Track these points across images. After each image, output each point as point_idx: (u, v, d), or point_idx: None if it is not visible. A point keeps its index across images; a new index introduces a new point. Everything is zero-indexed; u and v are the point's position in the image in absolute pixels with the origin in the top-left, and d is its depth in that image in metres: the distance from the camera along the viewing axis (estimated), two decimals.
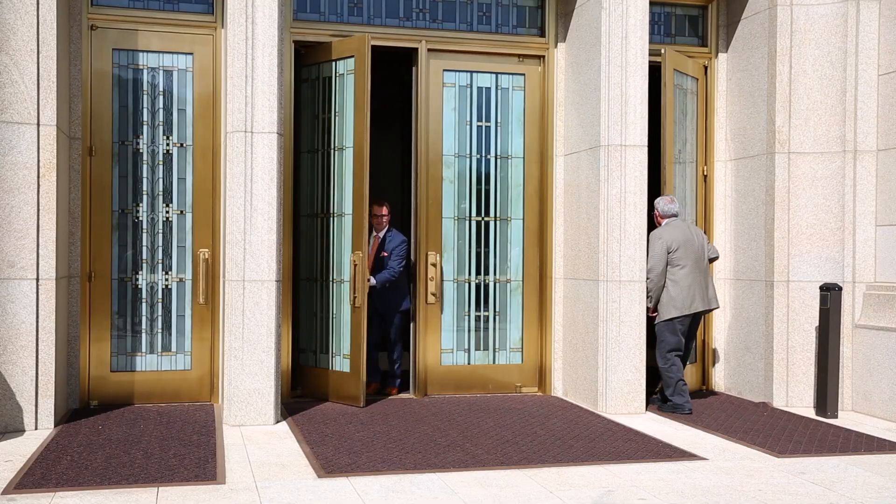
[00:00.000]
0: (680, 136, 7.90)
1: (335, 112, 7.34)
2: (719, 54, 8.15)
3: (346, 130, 7.26)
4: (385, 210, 7.79)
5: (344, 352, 7.27)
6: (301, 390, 7.53)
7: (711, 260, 7.39)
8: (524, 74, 7.90)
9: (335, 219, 7.35)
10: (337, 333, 7.37)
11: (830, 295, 7.06)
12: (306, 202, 7.56)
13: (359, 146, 7.10)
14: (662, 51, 7.55)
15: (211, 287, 7.17)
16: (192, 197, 7.22)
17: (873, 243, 7.37)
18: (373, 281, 7.48)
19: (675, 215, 7.31)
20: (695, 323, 7.31)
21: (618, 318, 7.02)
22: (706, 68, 8.18)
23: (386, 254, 7.62)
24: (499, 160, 7.91)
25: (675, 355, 7.16)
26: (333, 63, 7.32)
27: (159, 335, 7.22)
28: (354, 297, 7.07)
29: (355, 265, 7.03)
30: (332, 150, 7.36)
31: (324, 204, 7.44)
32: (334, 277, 7.39)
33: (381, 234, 7.73)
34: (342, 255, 7.32)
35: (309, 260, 7.58)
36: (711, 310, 7.33)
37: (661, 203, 7.34)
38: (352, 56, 7.16)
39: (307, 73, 7.51)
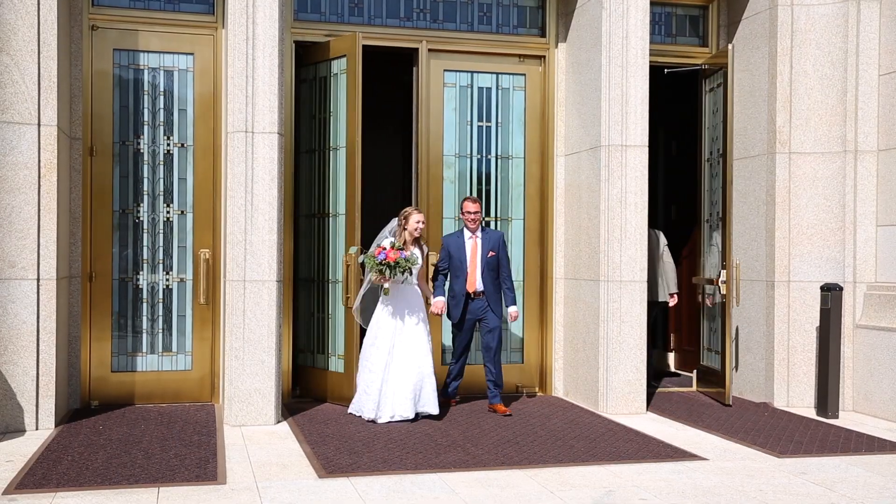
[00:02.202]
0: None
1: (330, 112, 7.35)
2: None
3: (340, 130, 7.28)
4: (479, 207, 7.00)
5: (338, 352, 7.29)
6: (300, 390, 7.53)
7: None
8: (525, 74, 7.90)
9: (331, 219, 7.36)
10: (333, 333, 7.39)
11: (831, 295, 7.06)
12: (305, 202, 7.56)
13: (351, 146, 7.11)
14: (730, 46, 7.50)
15: (212, 287, 7.17)
16: (192, 197, 7.22)
17: (874, 243, 7.37)
18: (514, 310, 7.03)
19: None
20: (657, 311, 8.36)
21: (619, 318, 7.02)
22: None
23: (493, 252, 6.92)
24: (499, 160, 7.91)
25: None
26: (328, 63, 7.33)
27: (160, 335, 7.22)
28: (347, 297, 7.05)
29: (348, 265, 7.01)
30: (328, 150, 7.37)
31: (321, 204, 7.44)
32: (330, 278, 7.40)
33: (478, 234, 6.98)
34: (337, 255, 7.33)
35: (308, 260, 7.58)
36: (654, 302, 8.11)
37: None
38: (344, 55, 7.18)
39: (306, 72, 7.52)
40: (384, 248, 6.57)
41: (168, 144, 7.21)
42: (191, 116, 7.22)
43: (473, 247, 6.98)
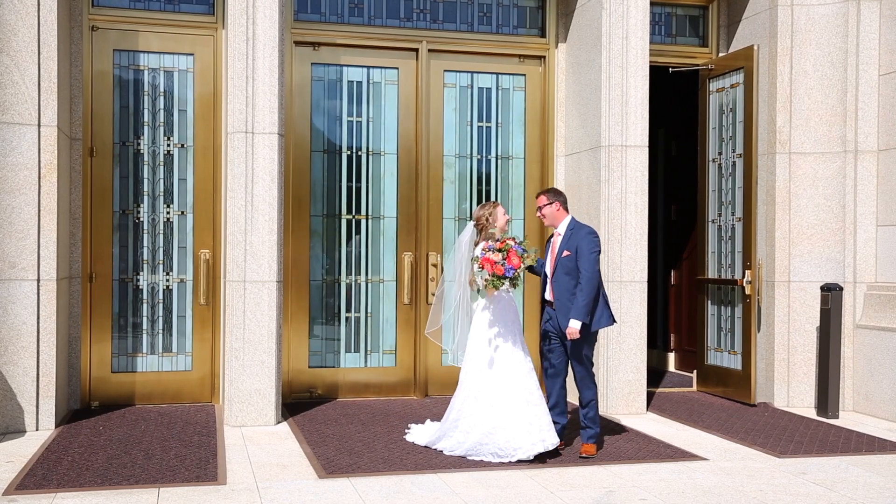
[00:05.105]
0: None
1: (370, 117, 7.56)
2: (720, 54, 8.14)
3: (385, 136, 7.57)
4: (544, 199, 5.82)
5: (385, 348, 7.51)
6: (321, 389, 7.53)
7: None
8: (525, 75, 7.90)
9: (371, 221, 7.55)
10: (375, 331, 7.57)
11: (831, 295, 7.06)
12: (323, 203, 7.56)
13: (405, 153, 7.46)
14: (755, 46, 7.47)
15: (212, 288, 7.17)
16: (192, 197, 7.22)
17: (874, 243, 7.37)
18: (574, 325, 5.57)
19: None
20: None
21: (618, 318, 7.01)
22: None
23: (569, 252, 5.64)
24: (499, 161, 7.91)
25: None
26: (367, 69, 7.55)
27: (160, 336, 7.22)
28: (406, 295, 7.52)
29: (411, 264, 7.41)
30: (367, 154, 7.57)
31: (350, 206, 7.56)
32: (370, 277, 7.56)
33: (561, 230, 5.78)
34: (381, 255, 7.57)
35: (329, 261, 7.58)
36: None
37: None
38: (395, 68, 7.54)
39: (322, 72, 7.53)
40: (489, 259, 5.47)
41: (168, 145, 7.21)
42: (191, 117, 7.22)
43: (553, 246, 5.83)
